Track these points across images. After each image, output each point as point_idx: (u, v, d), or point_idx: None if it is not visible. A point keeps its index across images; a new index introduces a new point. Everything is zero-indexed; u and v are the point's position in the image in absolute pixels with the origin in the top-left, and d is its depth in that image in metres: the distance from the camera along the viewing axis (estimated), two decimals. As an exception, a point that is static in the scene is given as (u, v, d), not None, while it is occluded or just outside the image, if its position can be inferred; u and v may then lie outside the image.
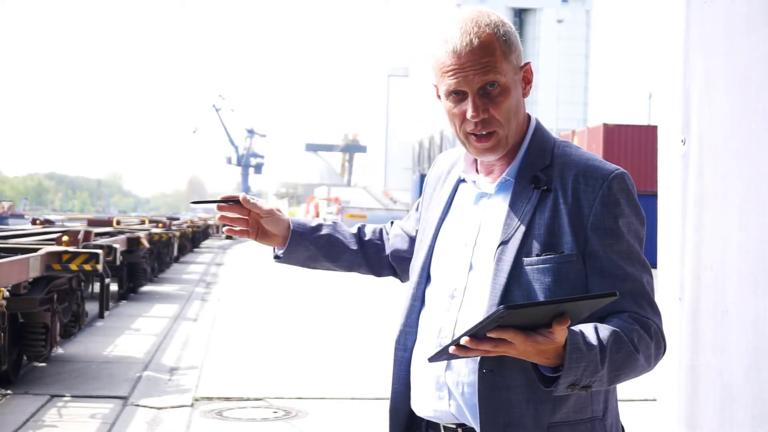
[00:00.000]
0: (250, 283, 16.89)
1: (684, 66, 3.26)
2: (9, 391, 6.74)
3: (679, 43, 3.29)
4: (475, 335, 1.60)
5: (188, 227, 23.85)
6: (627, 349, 1.73)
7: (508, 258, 1.81)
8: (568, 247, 1.80)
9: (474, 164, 1.97)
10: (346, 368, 8.09)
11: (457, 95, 1.84)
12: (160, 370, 7.80)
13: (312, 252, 2.18)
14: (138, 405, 6.45)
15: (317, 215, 61.13)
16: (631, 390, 6.25)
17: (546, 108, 62.29)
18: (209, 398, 6.75)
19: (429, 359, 1.71)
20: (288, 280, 17.49)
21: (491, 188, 1.91)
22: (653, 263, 2.21)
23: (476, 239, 1.88)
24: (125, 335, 9.82)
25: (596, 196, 1.81)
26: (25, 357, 7.29)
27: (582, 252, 1.81)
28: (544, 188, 1.84)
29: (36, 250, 7.44)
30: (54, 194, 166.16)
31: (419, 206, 2.16)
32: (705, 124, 3.16)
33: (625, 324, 1.75)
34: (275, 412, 6.36)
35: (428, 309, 1.94)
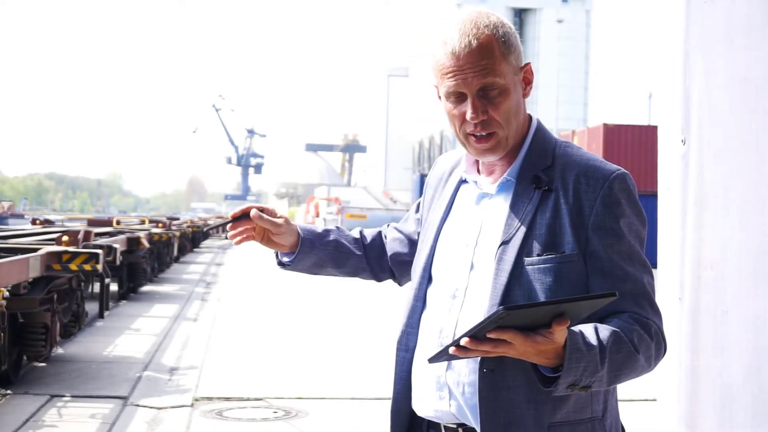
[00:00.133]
0: (250, 283, 16.88)
1: (684, 66, 3.26)
2: (9, 391, 6.74)
3: (679, 43, 3.29)
4: (475, 336, 1.61)
5: (188, 227, 23.84)
6: (627, 350, 1.73)
7: (510, 258, 1.81)
8: (569, 247, 1.80)
9: (475, 165, 1.97)
10: (346, 368, 8.09)
11: (457, 97, 1.84)
12: (160, 370, 7.80)
13: (319, 259, 2.17)
14: (138, 405, 6.44)
15: (317, 215, 61.06)
16: (631, 390, 6.25)
17: (546, 108, 62.26)
18: (209, 398, 6.74)
19: (429, 360, 1.71)
20: (288, 280, 17.49)
21: (492, 188, 1.91)
22: (653, 263, 2.21)
23: (477, 239, 1.89)
24: (125, 335, 9.82)
25: (597, 197, 1.82)
26: (25, 357, 7.29)
27: (583, 252, 1.81)
28: (546, 188, 1.85)
29: (36, 250, 7.44)
30: (54, 194, 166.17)
31: (419, 207, 2.15)
32: (705, 124, 3.17)
33: (626, 324, 1.76)
34: (275, 412, 6.36)
35: (429, 309, 1.94)
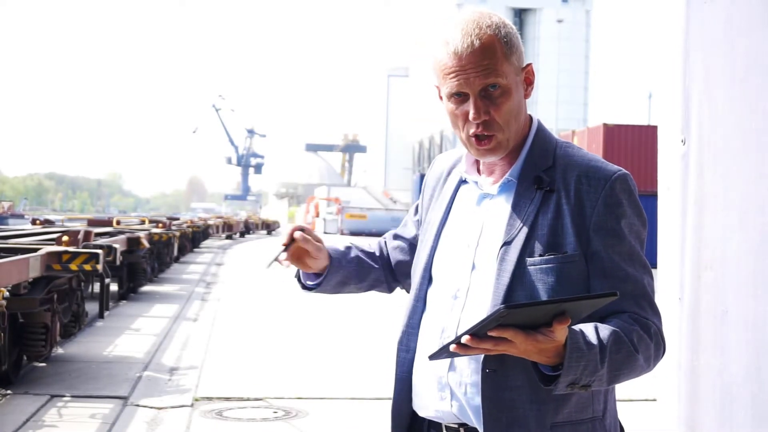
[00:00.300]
0: (250, 283, 16.88)
1: (684, 66, 3.26)
2: (9, 391, 6.73)
3: (679, 43, 3.29)
4: (476, 334, 1.61)
5: (188, 227, 23.80)
6: (627, 349, 1.73)
7: (512, 258, 1.81)
8: (571, 248, 1.81)
9: (475, 165, 1.97)
10: (346, 368, 8.09)
11: (459, 97, 1.84)
12: (160, 370, 7.80)
13: (343, 276, 2.13)
14: (138, 405, 6.44)
15: (317, 215, 61.05)
16: (631, 390, 6.25)
17: (546, 108, 62.27)
18: (209, 398, 6.74)
19: (429, 357, 1.72)
20: (288, 281, 17.46)
21: (493, 189, 1.91)
22: (653, 263, 2.22)
23: (479, 240, 1.89)
24: (125, 335, 9.82)
25: (599, 197, 1.82)
26: (25, 357, 7.28)
27: (584, 252, 1.81)
28: (547, 189, 1.85)
29: (36, 250, 7.43)
30: (54, 194, 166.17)
31: (418, 209, 2.14)
32: (705, 124, 3.17)
33: (625, 324, 1.76)
34: (275, 412, 6.35)
35: (430, 310, 1.94)
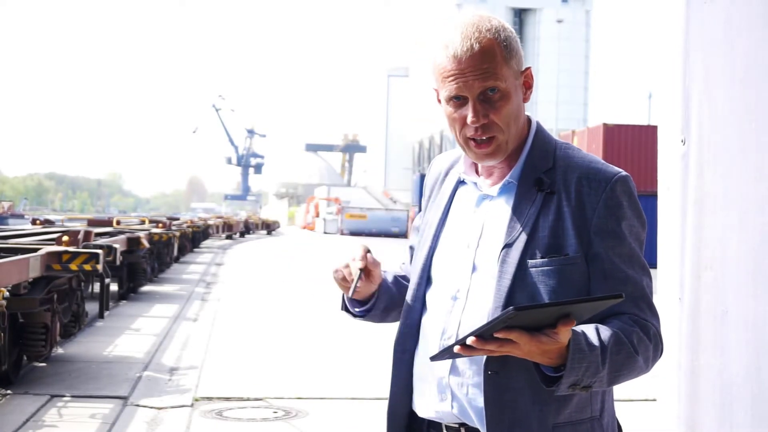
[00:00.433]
0: (250, 283, 16.88)
1: (684, 66, 3.26)
2: (9, 391, 6.73)
3: (679, 43, 3.29)
4: (482, 335, 1.61)
5: (188, 227, 23.79)
6: (627, 351, 1.74)
7: (513, 260, 1.81)
8: (572, 250, 1.81)
9: (473, 166, 1.97)
10: (346, 368, 8.09)
11: (458, 100, 1.84)
12: (160, 370, 7.80)
13: (388, 302, 2.06)
14: (138, 405, 6.44)
15: (317, 215, 61.06)
16: (631, 390, 6.25)
17: (546, 108, 62.30)
18: (209, 398, 6.74)
19: (431, 358, 1.72)
20: (288, 281, 17.50)
21: (493, 190, 1.91)
22: (653, 263, 2.22)
23: (479, 241, 1.88)
24: (125, 335, 9.82)
25: (600, 199, 1.82)
26: (25, 357, 7.28)
27: (585, 254, 1.81)
28: (548, 191, 1.85)
29: (36, 250, 7.43)
30: (54, 194, 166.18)
31: (422, 212, 2.13)
32: (705, 124, 3.16)
33: (625, 326, 1.77)
34: (275, 412, 6.36)
35: (430, 311, 1.93)
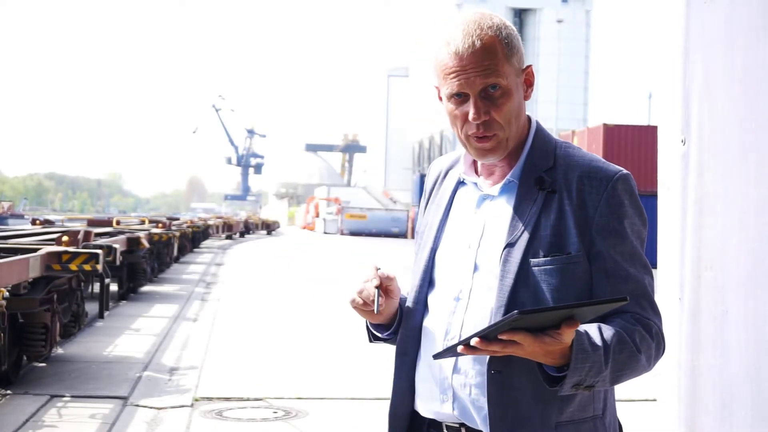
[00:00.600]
0: (250, 283, 16.88)
1: (684, 66, 3.26)
2: (9, 391, 6.73)
3: (679, 43, 3.29)
4: (486, 337, 1.62)
5: (188, 227, 23.79)
6: (629, 350, 1.74)
7: (515, 259, 1.82)
8: (574, 248, 1.81)
9: (473, 166, 1.97)
10: (346, 368, 8.09)
11: (459, 97, 1.84)
12: (160, 370, 7.80)
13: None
14: (138, 405, 6.44)
15: (317, 215, 61.05)
16: (631, 390, 6.25)
17: (546, 108, 62.27)
18: (209, 398, 6.74)
19: (434, 356, 1.73)
20: (288, 281, 17.50)
21: (494, 190, 1.91)
22: (653, 263, 2.22)
23: (480, 241, 1.88)
24: (125, 335, 9.82)
25: (601, 198, 1.82)
26: (25, 357, 7.29)
27: (587, 252, 1.82)
28: (549, 190, 1.85)
29: (36, 250, 7.44)
30: (54, 194, 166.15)
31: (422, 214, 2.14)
32: (705, 124, 3.16)
33: (628, 325, 1.77)
34: (275, 412, 6.36)
35: (432, 313, 1.93)
